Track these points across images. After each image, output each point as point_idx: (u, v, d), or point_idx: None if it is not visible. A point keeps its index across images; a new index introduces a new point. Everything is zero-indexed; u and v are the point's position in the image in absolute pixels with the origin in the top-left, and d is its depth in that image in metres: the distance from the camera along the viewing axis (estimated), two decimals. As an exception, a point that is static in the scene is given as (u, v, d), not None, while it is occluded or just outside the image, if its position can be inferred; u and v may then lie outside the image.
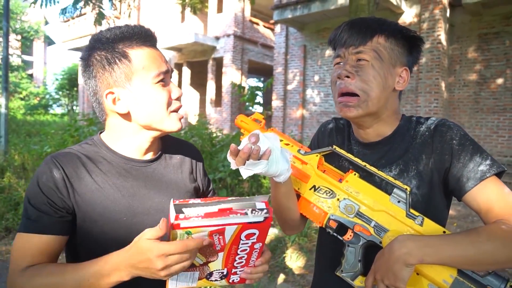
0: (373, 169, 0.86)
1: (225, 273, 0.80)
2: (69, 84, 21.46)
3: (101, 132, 0.97)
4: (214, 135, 6.62)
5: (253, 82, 20.31)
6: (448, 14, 8.07)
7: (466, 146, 0.82)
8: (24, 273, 0.79)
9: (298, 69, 10.04)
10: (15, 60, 21.88)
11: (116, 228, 0.87)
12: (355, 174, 0.89)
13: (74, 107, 21.86)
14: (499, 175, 0.81)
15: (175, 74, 14.88)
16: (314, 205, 0.90)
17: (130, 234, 0.79)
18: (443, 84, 7.94)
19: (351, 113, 0.87)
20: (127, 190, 0.90)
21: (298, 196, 0.95)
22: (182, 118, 0.93)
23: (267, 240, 3.79)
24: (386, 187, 0.88)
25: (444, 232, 0.79)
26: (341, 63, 0.89)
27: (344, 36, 0.88)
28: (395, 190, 0.83)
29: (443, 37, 7.80)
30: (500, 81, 7.64)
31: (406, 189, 0.82)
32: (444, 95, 8.07)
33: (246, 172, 0.73)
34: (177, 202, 0.67)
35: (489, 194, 0.79)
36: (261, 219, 0.68)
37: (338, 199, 0.88)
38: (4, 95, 7.17)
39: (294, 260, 3.30)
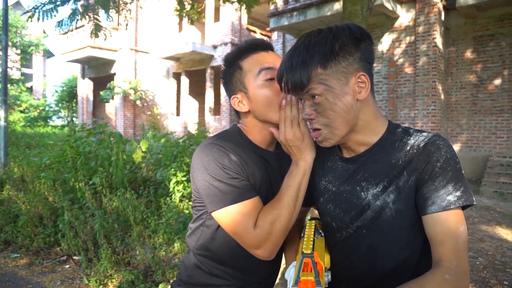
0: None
1: None
2: (69, 96, 21.51)
3: (234, 124, 1.14)
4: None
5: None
6: (443, 18, 8.14)
7: (446, 172, 0.81)
8: (259, 225, 0.92)
9: (296, 76, 10.08)
10: (14, 74, 22.00)
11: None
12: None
13: (74, 119, 21.92)
14: (466, 206, 0.81)
15: (173, 83, 14.95)
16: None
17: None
18: (440, 87, 7.98)
19: (325, 145, 0.90)
20: (265, 174, 1.04)
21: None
22: None
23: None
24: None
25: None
26: (302, 101, 0.91)
27: (289, 83, 0.87)
28: None
29: (438, 40, 7.85)
30: (497, 82, 7.67)
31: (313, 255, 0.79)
32: (442, 98, 8.10)
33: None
34: None
35: (444, 228, 0.79)
36: None
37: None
38: (3, 108, 7.20)
39: (294, 266, 3.28)
